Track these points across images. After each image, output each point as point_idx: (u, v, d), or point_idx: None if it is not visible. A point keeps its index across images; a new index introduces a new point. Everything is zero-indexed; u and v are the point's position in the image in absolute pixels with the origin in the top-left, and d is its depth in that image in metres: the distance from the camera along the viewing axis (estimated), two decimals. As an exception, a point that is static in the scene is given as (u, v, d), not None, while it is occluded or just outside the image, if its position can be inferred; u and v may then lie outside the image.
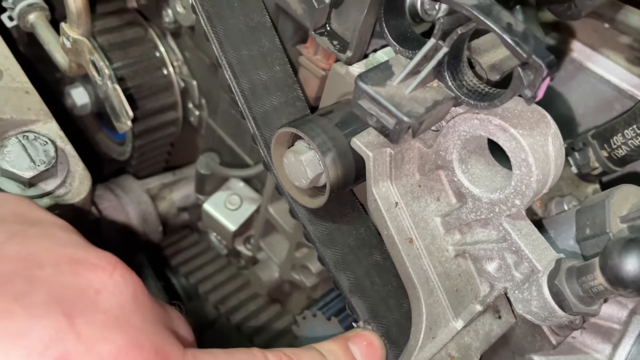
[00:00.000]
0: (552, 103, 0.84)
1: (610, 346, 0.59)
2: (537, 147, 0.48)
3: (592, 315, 0.49)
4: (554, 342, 0.59)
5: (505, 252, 0.54)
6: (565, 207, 0.68)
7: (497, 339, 0.59)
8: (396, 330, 0.63)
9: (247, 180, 0.91)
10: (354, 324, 0.63)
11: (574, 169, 0.73)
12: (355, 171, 0.58)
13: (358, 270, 0.64)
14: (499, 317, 0.59)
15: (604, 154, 0.69)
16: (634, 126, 0.66)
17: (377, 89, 0.45)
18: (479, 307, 0.57)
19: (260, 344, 0.91)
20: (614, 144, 0.68)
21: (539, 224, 0.64)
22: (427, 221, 0.57)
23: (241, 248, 0.95)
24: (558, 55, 0.81)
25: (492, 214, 0.53)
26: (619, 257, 0.43)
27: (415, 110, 0.45)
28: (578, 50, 0.80)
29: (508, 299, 0.57)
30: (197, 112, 0.96)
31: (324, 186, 0.58)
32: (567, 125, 0.83)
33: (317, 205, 0.59)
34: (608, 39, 0.78)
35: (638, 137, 0.66)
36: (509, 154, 0.49)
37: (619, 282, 0.43)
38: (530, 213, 0.69)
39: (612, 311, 0.59)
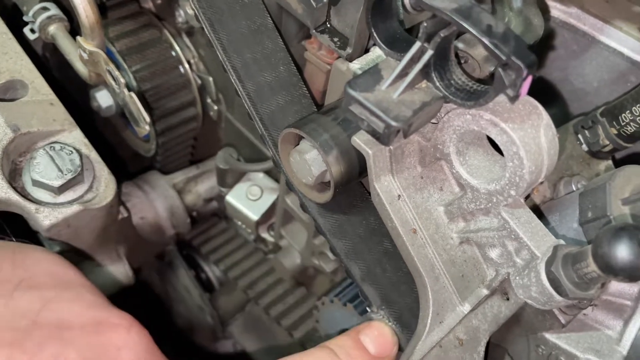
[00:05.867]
0: (566, 78, 0.84)
1: (622, 322, 0.60)
2: (528, 140, 0.49)
3: (589, 300, 0.51)
4: (562, 321, 0.60)
5: (506, 240, 0.56)
6: (574, 188, 0.67)
7: (506, 320, 0.60)
8: (408, 315, 0.65)
9: (266, 171, 0.94)
10: (367, 308, 0.66)
11: (584, 147, 0.72)
12: (358, 167, 0.59)
13: (369, 258, 0.66)
14: (507, 299, 0.61)
15: (614, 131, 0.69)
16: (643, 103, 0.65)
17: (365, 95, 0.47)
18: (485, 291, 0.59)
19: (288, 325, 0.94)
20: (623, 120, 0.67)
21: (538, 210, 0.65)
22: (431, 211, 0.58)
23: (265, 235, 0.98)
24: (569, 29, 0.80)
25: (490, 204, 0.54)
26: (608, 245, 0.44)
27: (402, 114, 0.46)
28: (590, 23, 0.79)
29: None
30: (215, 107, 0.99)
31: (329, 182, 0.60)
32: (582, 99, 0.82)
33: (324, 201, 0.61)
34: (620, 10, 0.76)
35: (647, 113, 0.65)
36: (501, 147, 0.50)
37: (609, 270, 0.45)
38: (541, 195, 0.70)
39: (623, 287, 0.59)
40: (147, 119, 0.75)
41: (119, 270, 0.83)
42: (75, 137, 0.74)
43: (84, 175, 0.72)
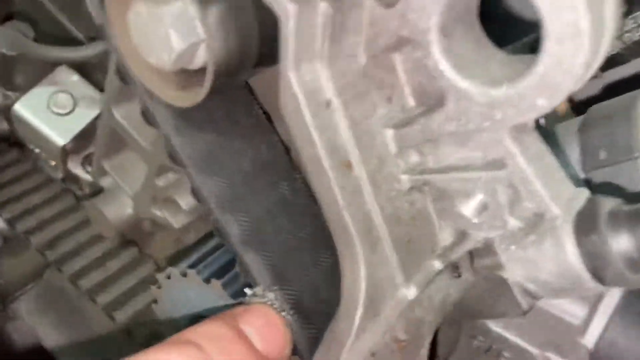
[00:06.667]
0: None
1: (587, 308, 0.47)
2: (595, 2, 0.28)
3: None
4: (525, 306, 0.44)
5: (498, 185, 0.36)
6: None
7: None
8: (311, 300, 0.47)
9: (83, 72, 0.66)
10: (246, 290, 0.46)
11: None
12: (258, 41, 0.36)
13: (255, 209, 0.47)
14: (459, 276, 0.44)
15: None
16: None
17: None
18: (438, 265, 0.41)
19: (106, 303, 0.70)
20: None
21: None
22: (374, 135, 0.40)
23: (79, 171, 0.73)
24: None
25: (487, 123, 0.33)
26: None
27: None
28: None
29: (470, 251, 0.42)
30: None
31: (203, 69, 0.37)
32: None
33: (191, 103, 0.39)
34: None
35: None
36: (543, 13, 0.28)
37: None
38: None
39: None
40: None
41: None
42: None
43: None
